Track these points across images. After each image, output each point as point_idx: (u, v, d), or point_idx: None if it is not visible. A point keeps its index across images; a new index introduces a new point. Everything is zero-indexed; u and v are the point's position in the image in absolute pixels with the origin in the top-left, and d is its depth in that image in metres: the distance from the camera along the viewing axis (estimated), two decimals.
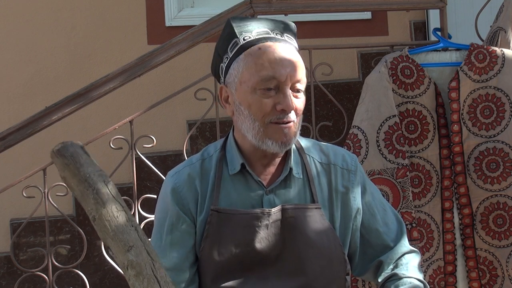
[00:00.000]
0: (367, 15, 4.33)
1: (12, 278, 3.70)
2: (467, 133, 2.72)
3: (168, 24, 4.25)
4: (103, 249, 2.84)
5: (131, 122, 2.81)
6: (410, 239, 2.63)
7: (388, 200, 2.63)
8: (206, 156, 1.80)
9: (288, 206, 1.73)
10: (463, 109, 2.72)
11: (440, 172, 2.72)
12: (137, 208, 2.80)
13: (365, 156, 2.65)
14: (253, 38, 1.72)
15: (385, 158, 2.64)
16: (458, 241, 2.75)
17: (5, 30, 4.13)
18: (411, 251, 1.86)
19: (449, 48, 2.83)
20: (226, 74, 1.75)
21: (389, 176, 2.63)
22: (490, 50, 2.73)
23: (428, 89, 2.72)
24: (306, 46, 2.94)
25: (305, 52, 2.90)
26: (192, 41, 2.84)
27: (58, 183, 2.76)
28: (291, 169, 1.76)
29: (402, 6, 3.02)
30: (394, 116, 2.66)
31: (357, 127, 2.68)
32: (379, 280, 1.82)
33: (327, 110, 4.01)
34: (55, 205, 2.76)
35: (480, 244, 2.73)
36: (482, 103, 2.73)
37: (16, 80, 4.11)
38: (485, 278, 2.73)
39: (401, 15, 4.36)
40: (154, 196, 2.90)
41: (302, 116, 1.76)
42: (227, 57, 1.74)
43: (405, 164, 2.65)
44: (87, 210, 1.59)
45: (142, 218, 2.81)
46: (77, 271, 2.84)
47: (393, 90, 2.70)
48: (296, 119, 1.71)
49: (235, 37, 1.73)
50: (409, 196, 2.65)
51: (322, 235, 1.74)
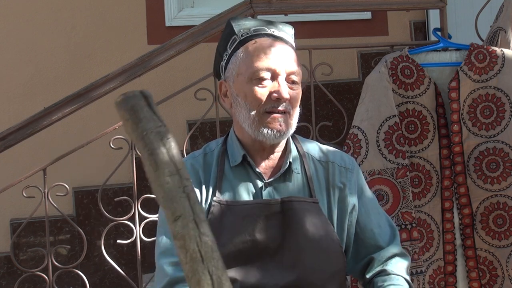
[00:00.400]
0: (367, 15, 4.33)
1: (12, 278, 3.70)
2: (467, 133, 2.72)
3: (168, 24, 4.25)
4: (103, 249, 2.84)
5: None
6: (410, 239, 2.63)
7: (388, 200, 2.64)
8: (208, 151, 1.87)
9: (288, 199, 1.77)
10: (463, 109, 2.72)
11: (440, 172, 2.72)
12: (137, 208, 2.80)
13: (365, 156, 2.65)
14: (251, 34, 1.80)
15: (385, 158, 2.64)
16: (458, 241, 2.75)
17: (5, 30, 4.13)
18: (403, 254, 1.89)
19: (449, 48, 2.83)
20: (225, 70, 1.83)
21: (389, 176, 2.63)
22: (490, 50, 2.73)
23: (428, 89, 2.72)
24: (306, 46, 2.94)
25: (305, 52, 2.90)
26: (192, 41, 2.84)
27: (58, 183, 2.76)
28: (290, 164, 1.81)
29: (402, 6, 3.02)
30: (394, 116, 2.66)
31: (357, 127, 2.68)
32: (367, 276, 1.85)
33: (327, 110, 4.01)
34: (55, 205, 2.76)
35: (480, 244, 2.73)
36: (482, 103, 2.73)
37: (16, 80, 4.11)
38: (485, 278, 2.73)
39: (401, 15, 4.36)
40: (154, 196, 2.91)
41: (299, 110, 1.83)
42: (227, 54, 1.83)
43: (405, 164, 2.65)
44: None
45: (142, 218, 2.81)
46: (77, 271, 2.83)
47: (393, 90, 2.70)
48: (292, 111, 1.78)
49: (234, 35, 1.81)
50: (409, 196, 2.65)
51: (320, 229, 1.77)
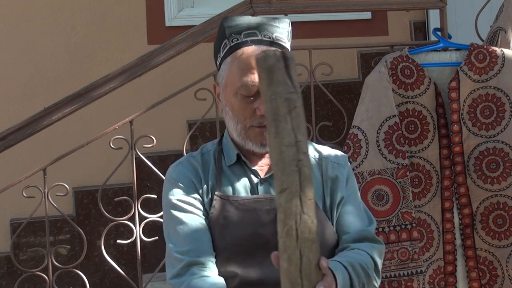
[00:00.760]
0: (367, 15, 4.33)
1: (12, 278, 3.70)
2: (467, 133, 2.72)
3: (168, 24, 4.25)
4: (103, 249, 2.84)
5: (131, 122, 2.81)
6: (410, 239, 2.63)
7: (388, 200, 2.64)
8: (205, 151, 1.91)
9: None
10: (463, 109, 2.72)
11: (440, 172, 2.72)
12: (137, 208, 2.80)
13: (365, 156, 2.65)
14: (240, 41, 1.80)
15: (385, 158, 2.64)
16: (458, 241, 2.75)
17: (5, 30, 4.13)
18: (375, 240, 1.87)
19: (449, 48, 2.83)
20: (218, 72, 1.86)
21: (389, 176, 2.63)
22: (490, 50, 2.73)
23: (428, 89, 2.72)
24: (306, 46, 2.94)
25: (305, 52, 2.90)
26: (192, 41, 2.84)
27: (58, 183, 2.76)
28: None
29: (402, 6, 3.02)
30: (394, 116, 2.66)
31: (357, 127, 2.68)
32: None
33: (327, 110, 4.01)
34: (55, 205, 2.76)
35: (480, 244, 2.73)
36: (482, 103, 2.73)
37: (16, 80, 4.11)
38: (485, 278, 2.73)
39: (401, 15, 4.36)
40: (154, 196, 2.91)
41: None
42: (219, 57, 1.85)
43: (405, 164, 2.65)
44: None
45: (142, 218, 2.81)
46: (77, 271, 2.83)
47: (393, 90, 2.70)
48: None
49: (225, 38, 1.82)
50: (409, 196, 2.65)
51: (320, 225, 1.76)
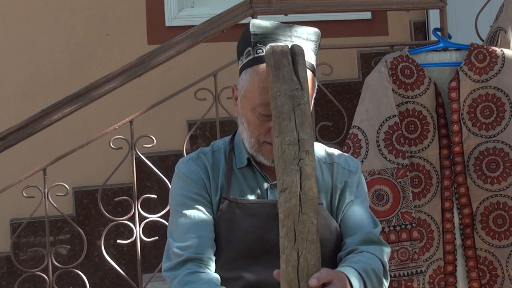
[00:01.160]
0: (367, 15, 4.33)
1: (12, 278, 3.69)
2: (467, 133, 2.72)
3: (168, 24, 4.25)
4: (103, 249, 2.84)
5: (131, 122, 2.81)
6: (410, 239, 2.63)
7: (388, 200, 2.64)
8: (216, 149, 1.87)
9: None
10: (463, 109, 2.72)
11: (440, 172, 2.72)
12: (137, 208, 2.80)
13: (365, 156, 2.65)
14: (264, 54, 1.70)
15: (385, 158, 2.64)
16: (458, 241, 2.75)
17: (5, 30, 4.13)
18: (381, 242, 1.86)
19: (449, 48, 2.83)
20: (239, 76, 1.79)
21: (389, 176, 2.63)
22: (490, 50, 2.73)
23: (428, 89, 2.72)
24: None
25: None
26: (192, 41, 2.84)
27: (58, 183, 2.76)
28: None
29: (402, 6, 3.02)
30: (394, 116, 2.66)
31: (357, 127, 2.68)
32: (338, 255, 1.84)
33: (327, 110, 4.01)
34: (55, 205, 2.76)
35: (480, 244, 2.73)
36: (482, 103, 2.73)
37: (16, 80, 4.11)
38: (485, 278, 2.73)
39: (401, 15, 4.36)
40: (154, 196, 2.92)
41: None
42: (242, 61, 1.79)
43: (405, 164, 2.65)
44: None
45: (142, 218, 2.81)
46: (77, 271, 2.83)
47: (393, 90, 2.70)
48: None
49: (249, 46, 1.74)
50: (409, 196, 2.65)
51: (326, 230, 1.77)
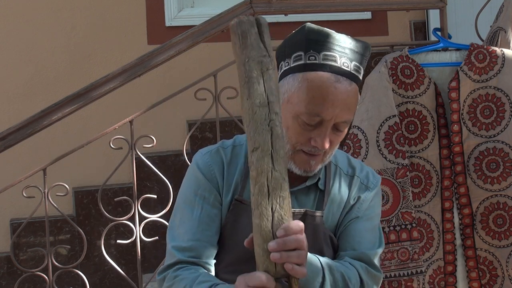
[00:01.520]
0: (367, 15, 4.33)
1: (12, 278, 3.70)
2: (467, 133, 2.72)
3: (168, 24, 4.25)
4: (103, 249, 2.84)
5: (131, 122, 2.81)
6: (410, 239, 2.63)
7: (388, 200, 2.64)
8: (237, 144, 1.81)
9: (311, 213, 1.74)
10: (463, 109, 2.72)
11: (440, 172, 2.72)
12: (137, 208, 2.80)
13: (365, 156, 2.64)
14: (318, 62, 1.67)
15: (385, 158, 2.64)
16: (458, 241, 2.75)
17: (5, 30, 4.13)
18: (375, 267, 1.82)
19: (449, 48, 2.83)
20: (281, 79, 1.74)
21: (389, 176, 2.63)
22: (490, 50, 2.73)
23: (428, 89, 2.72)
24: None
25: None
26: (192, 41, 2.84)
27: (58, 183, 2.76)
28: (319, 180, 1.78)
29: (402, 6, 3.02)
30: (394, 116, 2.66)
31: (357, 127, 2.68)
32: None
33: None
34: (55, 205, 2.76)
35: (480, 244, 2.73)
36: (482, 103, 2.73)
37: (16, 80, 4.11)
38: (485, 278, 2.73)
39: (401, 15, 4.36)
40: (154, 196, 2.92)
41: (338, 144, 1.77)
42: (288, 63, 1.72)
43: (405, 164, 2.65)
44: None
45: (142, 218, 2.81)
46: (77, 271, 2.83)
47: (393, 90, 2.70)
48: (330, 152, 1.72)
49: (302, 50, 1.70)
50: (409, 196, 2.65)
51: (327, 244, 1.76)
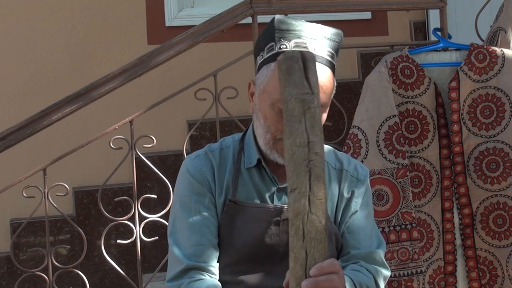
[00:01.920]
0: (367, 15, 4.33)
1: (12, 278, 3.70)
2: (467, 133, 2.72)
3: (168, 24, 4.25)
4: (103, 249, 2.84)
5: (131, 122, 2.81)
6: (410, 239, 2.63)
7: (388, 200, 2.64)
8: (224, 146, 1.84)
9: None
10: (463, 109, 2.72)
11: (440, 172, 2.72)
12: (137, 208, 2.80)
13: (365, 156, 2.64)
14: (289, 50, 1.70)
15: (385, 158, 2.64)
16: (458, 241, 2.75)
17: (5, 30, 4.13)
18: (384, 265, 1.84)
19: (449, 48, 2.83)
20: (257, 72, 1.77)
21: (389, 176, 2.63)
22: (490, 50, 2.73)
23: (428, 89, 2.72)
24: None
25: None
26: (192, 41, 2.83)
27: (58, 183, 2.76)
28: None
29: (402, 6, 3.02)
30: (394, 116, 2.66)
31: (357, 127, 2.68)
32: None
33: None
34: (55, 205, 2.76)
35: (480, 244, 2.73)
36: (482, 103, 2.73)
37: (16, 80, 4.11)
38: (485, 278, 2.73)
39: (401, 15, 4.36)
40: (154, 196, 2.92)
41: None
42: (262, 56, 1.76)
43: (405, 164, 2.65)
44: None
45: (142, 218, 2.81)
46: (77, 271, 2.83)
47: (393, 90, 2.70)
48: None
49: (273, 41, 1.73)
50: (409, 196, 2.65)
51: (328, 238, 1.74)
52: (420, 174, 2.71)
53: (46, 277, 2.77)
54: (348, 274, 1.68)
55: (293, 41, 1.71)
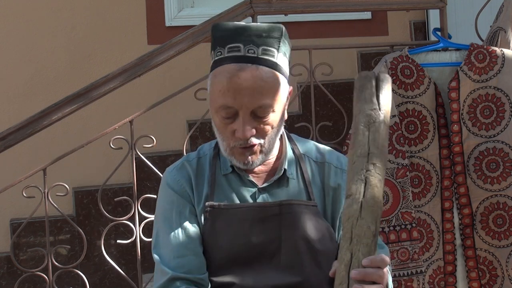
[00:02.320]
0: (367, 15, 4.33)
1: (12, 278, 3.70)
2: (467, 133, 2.72)
3: (168, 24, 4.25)
4: (103, 249, 2.84)
5: (131, 122, 2.81)
6: (410, 239, 2.63)
7: (388, 200, 2.64)
8: (202, 155, 1.85)
9: (287, 202, 1.75)
10: (463, 109, 2.72)
11: (440, 172, 2.72)
12: (137, 208, 2.80)
13: None
14: (223, 56, 1.71)
15: None
16: (458, 241, 2.75)
17: (5, 30, 4.13)
18: (382, 246, 1.86)
19: (449, 48, 2.83)
20: None
21: (389, 176, 2.63)
22: (490, 50, 2.73)
23: (428, 89, 2.72)
24: (306, 46, 2.94)
25: (305, 52, 2.90)
26: (192, 41, 2.84)
27: (58, 183, 2.76)
28: (285, 171, 1.79)
29: (402, 6, 3.02)
30: (394, 116, 2.66)
31: None
32: None
33: (327, 110, 4.01)
34: (55, 205, 2.76)
35: (480, 244, 2.73)
36: (482, 103, 2.73)
37: (16, 80, 4.11)
38: (485, 278, 2.73)
39: (401, 15, 4.36)
40: (154, 196, 2.90)
41: (281, 127, 1.76)
42: (210, 65, 1.78)
43: (405, 164, 2.65)
44: None
45: (142, 218, 2.81)
46: (77, 271, 2.83)
47: (393, 90, 2.70)
48: (263, 140, 1.72)
49: (212, 49, 1.76)
50: (409, 196, 2.65)
51: (319, 232, 1.75)
52: (420, 174, 2.72)
53: (46, 277, 2.78)
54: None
55: (227, 47, 1.71)
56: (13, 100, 4.10)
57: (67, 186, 2.79)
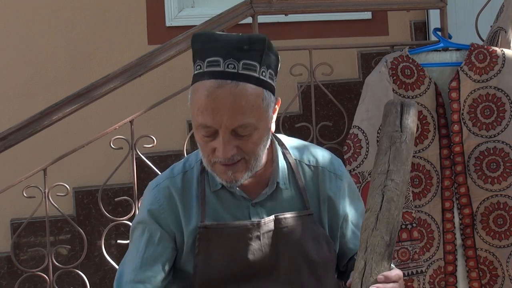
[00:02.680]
0: (367, 15, 4.33)
1: (13, 278, 3.69)
2: (468, 133, 2.72)
3: (168, 24, 4.25)
4: (104, 249, 2.84)
5: (131, 122, 2.81)
6: (411, 239, 2.63)
7: None
8: (188, 168, 1.75)
9: (281, 216, 1.70)
10: (464, 109, 2.72)
11: (441, 172, 2.72)
12: (137, 208, 2.80)
13: (365, 156, 2.64)
14: (202, 71, 1.59)
15: None
16: (459, 241, 2.75)
17: (5, 30, 4.13)
18: None
19: (450, 48, 2.83)
20: None
21: None
22: (491, 50, 2.73)
23: (429, 89, 2.72)
24: (306, 46, 2.94)
25: (305, 52, 2.91)
26: None
27: (59, 183, 2.76)
28: (278, 183, 1.72)
29: (402, 6, 3.02)
30: None
31: (358, 127, 2.68)
32: (341, 268, 1.83)
33: (327, 110, 4.01)
34: (56, 205, 2.76)
35: (481, 244, 2.73)
36: (483, 103, 2.73)
37: (16, 80, 4.11)
38: (486, 278, 2.73)
39: (402, 15, 4.36)
40: None
41: (267, 140, 1.67)
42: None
43: None
44: None
45: None
46: (78, 271, 2.83)
47: (394, 90, 2.70)
48: (248, 155, 1.62)
49: (193, 61, 1.64)
50: (409, 196, 2.65)
51: (316, 243, 1.72)
52: (421, 174, 2.72)
53: (47, 277, 2.78)
54: None
55: (207, 60, 1.59)
56: (13, 100, 4.09)
57: (68, 186, 2.79)
